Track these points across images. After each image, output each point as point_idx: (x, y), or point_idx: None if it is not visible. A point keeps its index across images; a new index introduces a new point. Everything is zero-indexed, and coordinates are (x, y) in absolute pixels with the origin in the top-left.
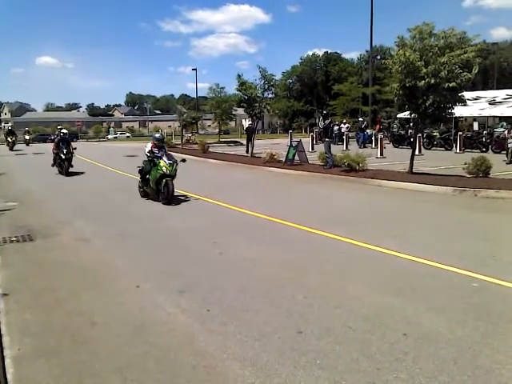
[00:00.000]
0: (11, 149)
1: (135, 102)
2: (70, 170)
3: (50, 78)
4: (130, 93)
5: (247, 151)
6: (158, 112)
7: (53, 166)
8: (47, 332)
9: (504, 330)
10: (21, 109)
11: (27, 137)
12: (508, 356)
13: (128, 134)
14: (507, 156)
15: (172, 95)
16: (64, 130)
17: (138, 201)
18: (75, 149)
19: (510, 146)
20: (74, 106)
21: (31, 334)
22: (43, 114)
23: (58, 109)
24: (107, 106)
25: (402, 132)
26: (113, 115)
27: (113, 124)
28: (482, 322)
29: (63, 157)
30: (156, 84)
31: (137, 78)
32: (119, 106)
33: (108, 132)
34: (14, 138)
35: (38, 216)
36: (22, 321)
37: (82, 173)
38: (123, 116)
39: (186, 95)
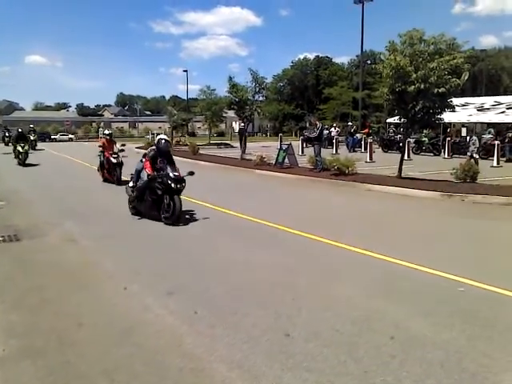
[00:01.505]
0: (23, 162)
1: (125, 103)
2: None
3: (38, 77)
4: (121, 93)
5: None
6: (148, 113)
7: (131, 203)
8: (33, 333)
9: (490, 333)
10: (9, 107)
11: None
12: (493, 359)
13: (71, 136)
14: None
15: (163, 96)
16: (163, 136)
17: None
18: (192, 173)
19: (470, 153)
20: (63, 106)
21: (17, 334)
22: (32, 113)
23: (47, 108)
24: (97, 106)
25: (396, 136)
26: (102, 115)
27: (102, 124)
28: (469, 325)
29: (173, 186)
30: (147, 85)
31: (127, 79)
32: (109, 106)
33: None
34: (26, 147)
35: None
36: (8, 321)
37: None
38: (113, 116)
39: (176, 96)
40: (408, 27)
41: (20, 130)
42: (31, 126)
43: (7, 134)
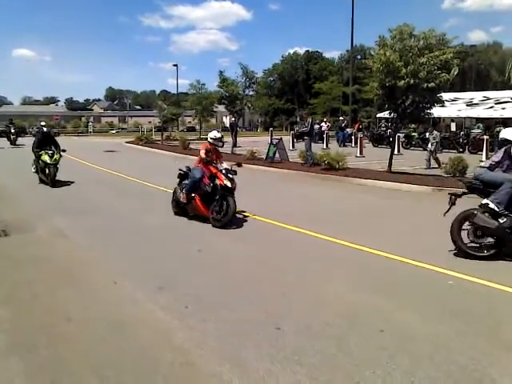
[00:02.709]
0: (52, 181)
1: (115, 97)
2: None
3: (27, 71)
4: (110, 87)
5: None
6: (138, 107)
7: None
8: (21, 328)
9: (478, 326)
10: None
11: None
12: (482, 352)
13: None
14: (428, 160)
15: (153, 91)
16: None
17: None
18: None
19: (432, 148)
20: (52, 100)
21: (4, 330)
22: (20, 107)
23: (36, 102)
24: (86, 100)
25: (386, 131)
26: (92, 110)
27: (92, 119)
28: (457, 319)
29: None
30: (136, 79)
31: (117, 73)
32: (99, 100)
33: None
34: (56, 156)
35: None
36: None
37: None
38: (103, 111)
39: (166, 91)
40: (398, 22)
41: (45, 130)
42: (42, 122)
43: (12, 130)
